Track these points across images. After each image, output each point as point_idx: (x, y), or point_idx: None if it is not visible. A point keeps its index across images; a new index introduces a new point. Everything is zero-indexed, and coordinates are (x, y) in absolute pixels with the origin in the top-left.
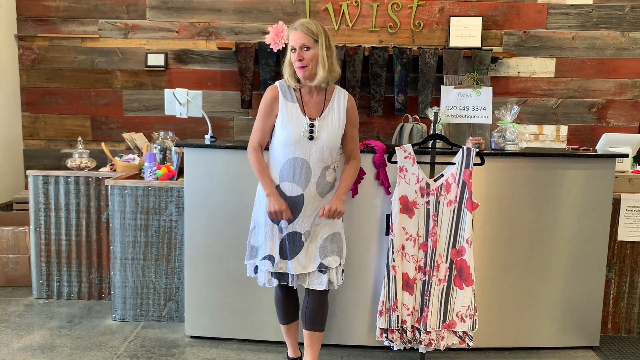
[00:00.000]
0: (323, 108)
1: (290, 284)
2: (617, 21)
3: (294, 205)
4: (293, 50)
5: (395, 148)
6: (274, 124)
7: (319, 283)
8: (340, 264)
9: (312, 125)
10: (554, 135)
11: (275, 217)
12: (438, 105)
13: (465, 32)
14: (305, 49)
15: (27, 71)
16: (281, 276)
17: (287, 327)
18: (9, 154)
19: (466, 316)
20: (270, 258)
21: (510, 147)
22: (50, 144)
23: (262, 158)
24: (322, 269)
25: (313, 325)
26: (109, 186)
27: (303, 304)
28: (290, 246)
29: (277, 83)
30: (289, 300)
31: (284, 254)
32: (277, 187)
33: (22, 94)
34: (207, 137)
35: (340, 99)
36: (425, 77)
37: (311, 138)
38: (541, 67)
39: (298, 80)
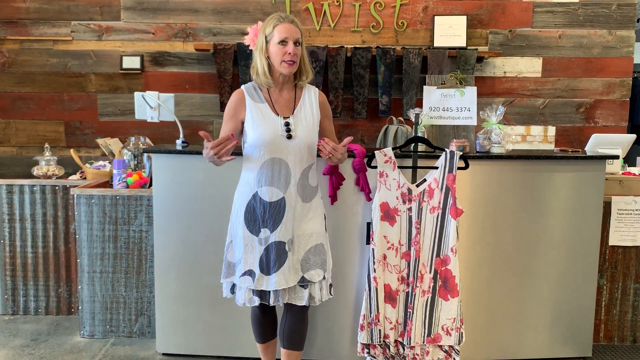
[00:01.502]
0: (294, 106)
1: (271, 304)
2: (604, 19)
3: (276, 212)
4: (283, 44)
5: (375, 152)
6: (240, 129)
7: (299, 298)
8: (324, 278)
9: (287, 124)
10: (541, 136)
11: (217, 149)
12: (422, 106)
13: (450, 31)
14: (297, 44)
15: None
16: (262, 294)
17: (265, 346)
18: None
19: (452, 329)
20: (250, 273)
21: (496, 150)
22: (22, 151)
23: None
24: (304, 283)
25: (292, 345)
26: (75, 195)
27: (282, 320)
28: (275, 258)
29: (242, 86)
30: (267, 318)
31: (265, 269)
32: (255, 195)
33: None
34: (179, 142)
35: (311, 95)
36: (409, 77)
37: (289, 137)
38: (528, 66)
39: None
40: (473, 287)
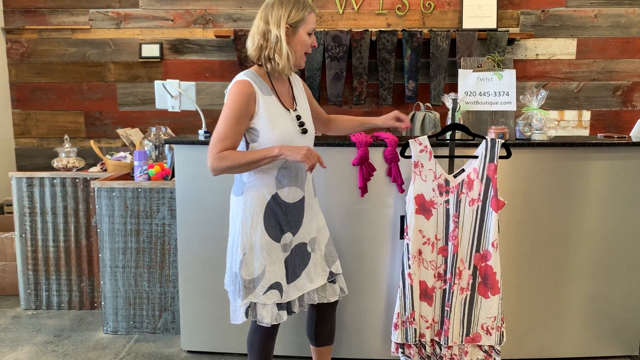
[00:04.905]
0: (293, 96)
1: (296, 312)
2: None
3: (297, 213)
4: (310, 35)
5: (409, 141)
6: (248, 127)
7: (332, 294)
8: None
9: (299, 117)
10: (576, 121)
11: (312, 163)
12: (452, 91)
13: (480, 12)
14: None
15: (16, 66)
16: (288, 306)
17: None
18: None
19: (492, 328)
20: (276, 286)
21: (537, 137)
22: (43, 142)
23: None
24: (332, 277)
25: (328, 340)
26: (96, 188)
27: (309, 321)
28: (300, 261)
29: (245, 76)
30: (274, 340)
31: (291, 276)
32: (275, 196)
33: (12, 90)
34: (201, 132)
35: (296, 81)
36: (437, 61)
37: (304, 132)
38: (561, 48)
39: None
40: (512, 283)
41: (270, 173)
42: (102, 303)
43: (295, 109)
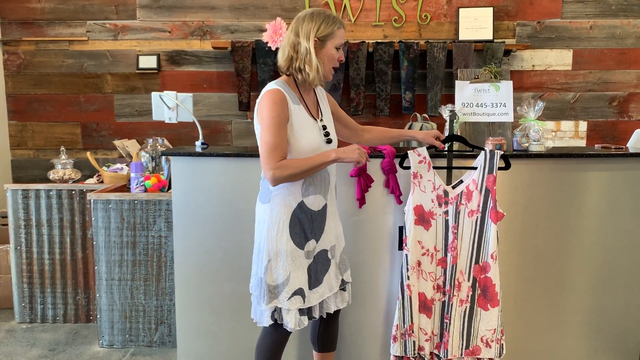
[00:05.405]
0: (318, 107)
1: (317, 316)
2: (637, 8)
3: (321, 221)
4: (338, 50)
5: (408, 152)
6: None
7: (341, 301)
8: None
9: (324, 127)
10: (572, 132)
11: (364, 160)
12: (449, 102)
13: (476, 24)
14: None
15: (13, 77)
16: (309, 311)
17: None
18: None
19: (492, 341)
20: (300, 292)
21: (535, 148)
22: (40, 154)
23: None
24: (343, 285)
25: (331, 346)
26: (92, 200)
27: (314, 327)
28: (321, 268)
29: (276, 85)
30: (284, 346)
31: (313, 283)
32: (301, 204)
33: (8, 101)
34: (198, 143)
35: (321, 92)
36: (434, 73)
37: (329, 141)
38: (557, 59)
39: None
40: (512, 294)
41: (300, 181)
42: (98, 316)
43: (322, 119)
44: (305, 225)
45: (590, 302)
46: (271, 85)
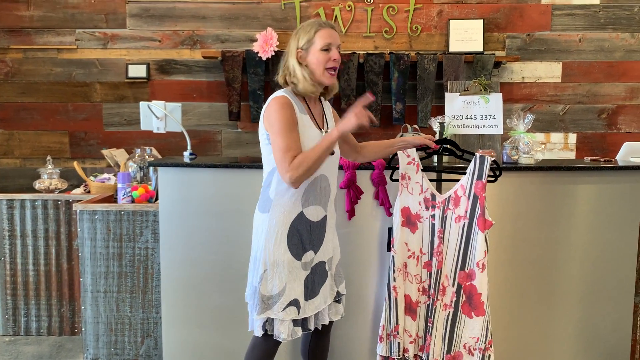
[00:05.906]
0: (324, 118)
1: (311, 329)
2: (625, 22)
3: (320, 232)
4: (327, 50)
5: (397, 152)
6: None
7: (334, 313)
8: None
9: None
10: (562, 144)
11: (366, 120)
12: (439, 114)
13: (466, 35)
14: (339, 50)
15: (0, 85)
16: (303, 322)
17: None
18: None
19: (475, 349)
20: (295, 303)
21: (524, 160)
22: (26, 163)
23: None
24: (338, 297)
25: (322, 358)
26: (78, 211)
27: (304, 340)
28: (319, 279)
29: (283, 92)
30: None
31: (309, 294)
32: (301, 215)
33: None
34: (186, 154)
35: (328, 107)
36: (424, 84)
37: (332, 153)
38: (547, 71)
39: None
40: (502, 306)
41: (299, 190)
42: (83, 329)
43: (327, 130)
44: (304, 236)
45: (579, 314)
46: (278, 93)
